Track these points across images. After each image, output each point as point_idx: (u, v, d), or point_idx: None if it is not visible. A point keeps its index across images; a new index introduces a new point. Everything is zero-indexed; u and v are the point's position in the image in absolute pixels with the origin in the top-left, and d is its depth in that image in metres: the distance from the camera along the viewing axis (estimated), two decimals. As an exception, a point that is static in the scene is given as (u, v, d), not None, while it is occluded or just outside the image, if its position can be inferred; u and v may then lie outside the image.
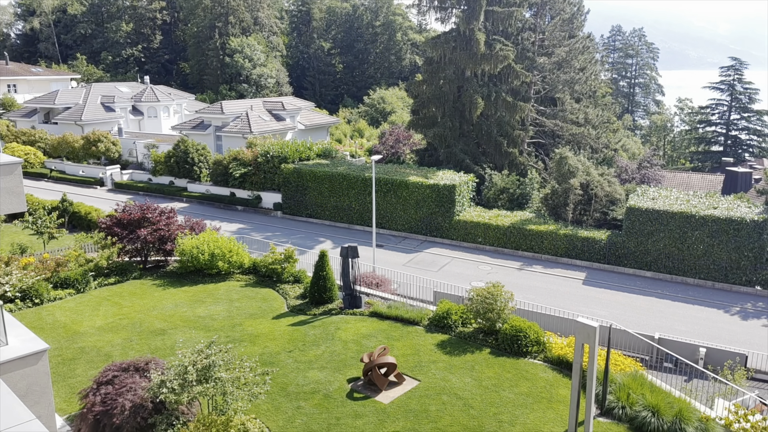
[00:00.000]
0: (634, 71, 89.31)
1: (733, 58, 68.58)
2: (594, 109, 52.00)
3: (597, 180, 37.52)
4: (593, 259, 34.19)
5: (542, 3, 48.24)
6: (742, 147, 66.41)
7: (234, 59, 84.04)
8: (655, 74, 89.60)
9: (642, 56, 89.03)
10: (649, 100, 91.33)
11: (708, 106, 69.34)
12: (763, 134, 66.27)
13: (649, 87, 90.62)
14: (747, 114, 66.26)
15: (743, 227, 30.17)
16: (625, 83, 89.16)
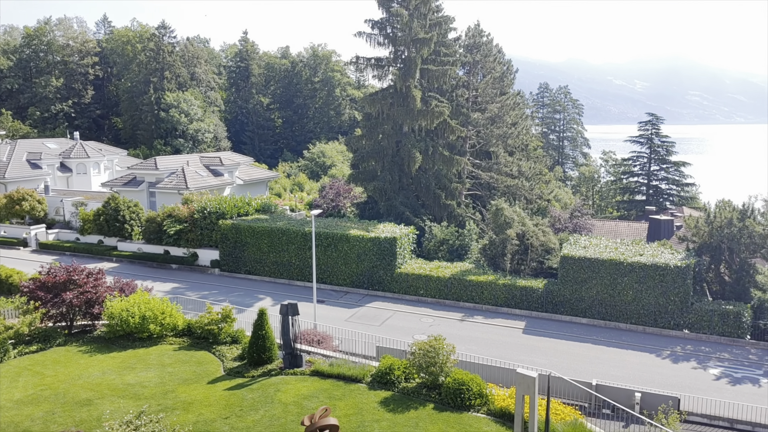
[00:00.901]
0: (562, 125, 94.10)
1: (649, 114, 73.39)
2: (527, 161, 54.20)
3: (532, 230, 38.65)
4: (532, 308, 34.82)
5: (474, 62, 50.60)
6: (663, 196, 70.33)
7: (170, 114, 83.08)
8: (581, 128, 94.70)
9: (568, 112, 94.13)
10: (577, 153, 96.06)
11: (630, 158, 73.47)
12: (681, 184, 70.59)
13: (577, 140, 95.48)
14: (665, 165, 70.55)
15: (668, 273, 31.62)
16: (555, 137, 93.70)
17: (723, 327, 30.97)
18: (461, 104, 50.19)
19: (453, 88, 50.92)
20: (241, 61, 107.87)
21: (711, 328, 31.18)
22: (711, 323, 31.17)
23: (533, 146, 62.18)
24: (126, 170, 63.09)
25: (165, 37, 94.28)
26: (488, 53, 51.45)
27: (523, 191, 49.97)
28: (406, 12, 44.31)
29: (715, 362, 28.14)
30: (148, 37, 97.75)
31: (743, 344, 30.45)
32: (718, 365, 27.79)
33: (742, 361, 28.41)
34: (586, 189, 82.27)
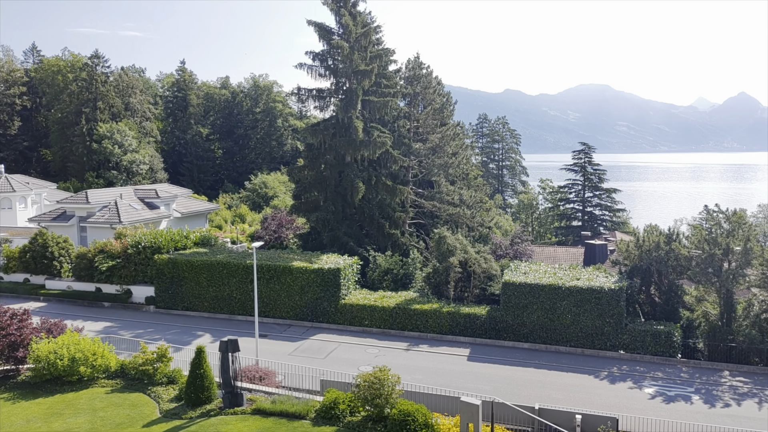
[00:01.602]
0: (501, 155, 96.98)
1: (582, 143, 76.73)
2: (468, 190, 55.32)
3: (474, 257, 39.25)
4: (476, 335, 35.15)
5: (415, 93, 51.63)
6: (597, 221, 73.25)
7: (102, 145, 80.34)
8: (519, 157, 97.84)
9: (507, 141, 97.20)
10: (516, 181, 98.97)
11: (566, 186, 76.38)
12: (613, 209, 73.81)
13: (515, 168, 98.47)
14: (598, 192, 73.72)
15: (603, 296, 32.71)
16: (494, 165, 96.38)
17: (655, 347, 32.16)
18: (403, 135, 50.94)
19: (395, 118, 51.68)
20: (178, 90, 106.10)
21: (645, 348, 32.30)
22: (644, 343, 32.31)
23: (474, 175, 63.60)
24: (55, 204, 60.31)
25: (98, 66, 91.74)
26: (428, 85, 52.64)
27: (465, 219, 50.84)
28: (346, 44, 44.89)
29: (649, 381, 29.09)
30: (80, 66, 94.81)
31: (675, 363, 31.66)
32: (653, 384, 28.74)
33: (675, 379, 29.50)
34: (525, 216, 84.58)
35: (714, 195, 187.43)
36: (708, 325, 33.57)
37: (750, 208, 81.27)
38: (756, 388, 28.56)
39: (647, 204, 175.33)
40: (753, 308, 33.51)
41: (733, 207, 37.62)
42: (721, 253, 33.23)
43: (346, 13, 45.44)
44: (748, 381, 29.43)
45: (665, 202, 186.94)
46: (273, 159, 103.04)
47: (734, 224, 34.40)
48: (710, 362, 31.80)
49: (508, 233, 59.19)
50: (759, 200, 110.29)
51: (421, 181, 52.01)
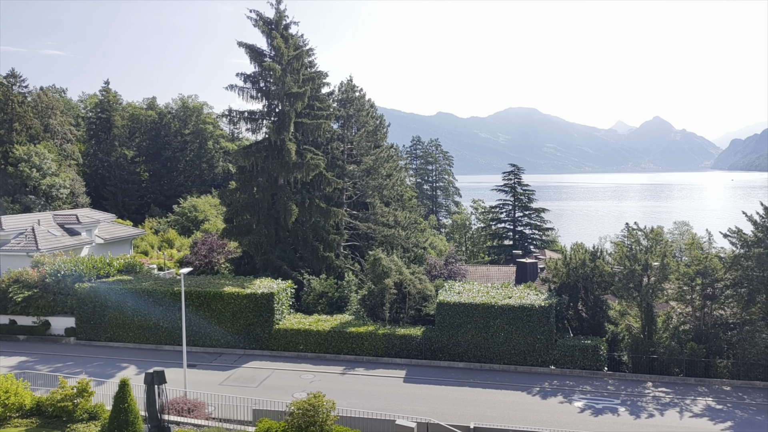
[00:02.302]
0: (434, 176, 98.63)
1: (512, 165, 79.16)
2: (402, 211, 55.79)
3: (409, 278, 39.45)
4: (412, 356, 35.17)
5: (348, 116, 51.86)
6: (528, 240, 75.44)
7: (19, 169, 75.85)
8: (452, 178, 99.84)
9: (440, 163, 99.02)
10: (449, 202, 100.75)
11: (497, 206, 78.42)
12: (542, 228, 76.31)
13: (449, 190, 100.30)
14: (528, 211, 76.07)
15: (534, 313, 33.56)
16: (428, 187, 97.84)
17: (584, 361, 33.20)
18: (337, 157, 50.93)
19: (328, 141, 51.64)
20: (102, 111, 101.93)
21: (573, 363, 33.28)
22: (573, 358, 33.30)
23: (408, 196, 64.31)
24: (-35, 231, 56.16)
25: (15, 86, 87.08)
26: (361, 107, 53.04)
27: (400, 240, 51.16)
28: (278, 66, 44.66)
29: (579, 395, 29.94)
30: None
31: (602, 376, 32.77)
32: (582, 398, 29.59)
33: (602, 392, 30.50)
34: (459, 236, 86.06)
35: (634, 213, 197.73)
36: (631, 338, 34.99)
37: (667, 225, 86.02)
38: (677, 398, 29.92)
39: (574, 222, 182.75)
40: (672, 321, 35.30)
41: (651, 224, 39.61)
42: (640, 268, 34.88)
43: (278, 36, 45.29)
44: (670, 391, 30.81)
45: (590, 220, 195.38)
46: (203, 182, 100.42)
47: (652, 241, 36.23)
48: (634, 374, 33.11)
49: (443, 253, 59.99)
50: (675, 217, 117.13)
51: (355, 203, 52.06)
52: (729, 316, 34.59)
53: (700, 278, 33.95)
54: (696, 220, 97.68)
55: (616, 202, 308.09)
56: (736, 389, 31.10)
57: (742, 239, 34.41)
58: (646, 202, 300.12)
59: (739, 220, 35.27)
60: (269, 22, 46.27)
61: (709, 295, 34.14)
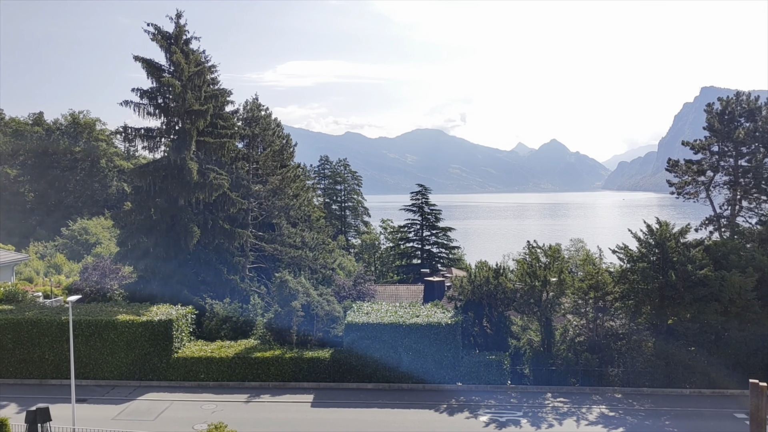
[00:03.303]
0: (343, 196, 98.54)
1: (419, 185, 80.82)
2: (310, 232, 55.14)
3: (317, 300, 38.86)
4: (320, 379, 34.53)
5: (254, 135, 50.77)
6: (435, 259, 77.10)
7: None
8: (361, 198, 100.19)
9: (348, 183, 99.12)
10: (358, 221, 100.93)
11: (405, 226, 79.64)
12: (449, 247, 78.29)
13: (358, 209, 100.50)
14: (435, 231, 77.88)
15: (441, 331, 34.04)
16: (337, 206, 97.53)
17: (488, 376, 34.02)
18: (242, 177, 49.59)
19: (233, 160, 50.22)
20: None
21: (479, 378, 34.02)
22: (479, 373, 34.04)
23: (316, 216, 63.72)
24: None
25: None
26: (267, 126, 52.16)
27: (308, 261, 50.45)
28: (178, 83, 43.01)
29: (484, 410, 30.57)
30: None
31: (505, 389, 33.70)
32: (487, 412, 30.23)
33: (506, 405, 31.34)
34: (368, 256, 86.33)
35: (535, 231, 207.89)
36: (532, 352, 36.32)
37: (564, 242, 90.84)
38: (574, 407, 31.28)
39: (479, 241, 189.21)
40: (568, 333, 37.03)
41: (550, 242, 41.54)
42: (540, 284, 36.42)
43: (177, 51, 43.70)
44: (568, 401, 32.17)
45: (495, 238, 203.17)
46: (95, 203, 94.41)
47: (551, 258, 38.00)
48: (535, 386, 34.34)
49: (352, 274, 59.76)
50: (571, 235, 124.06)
51: (261, 224, 50.86)
52: (618, 327, 36.79)
53: (593, 292, 35.91)
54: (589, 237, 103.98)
55: (518, 220, 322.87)
56: (627, 396, 33.00)
57: (628, 255, 36.84)
58: (545, 220, 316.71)
59: (626, 237, 37.76)
60: (168, 36, 44.60)
61: (601, 307, 36.17)
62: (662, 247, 35.46)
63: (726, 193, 43.32)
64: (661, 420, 29.35)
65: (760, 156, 40.60)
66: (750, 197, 41.67)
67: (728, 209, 42.70)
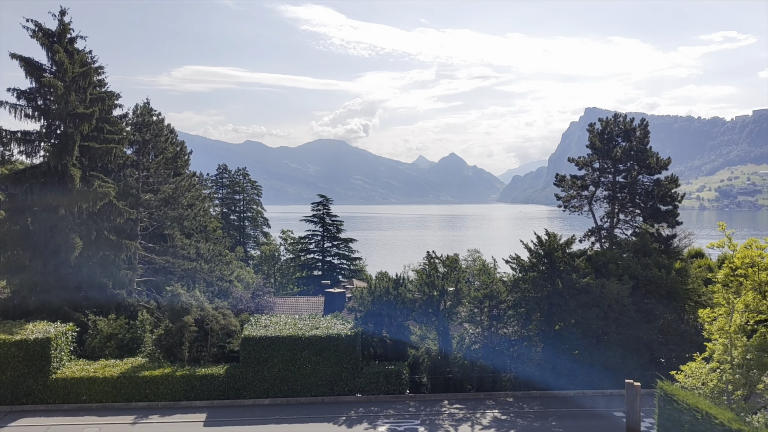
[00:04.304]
0: (242, 206, 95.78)
1: (321, 195, 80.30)
2: (206, 243, 52.99)
3: (212, 314, 37.37)
4: (214, 397, 33.17)
5: (144, 141, 48.14)
6: (336, 270, 76.76)
7: None
8: (260, 208, 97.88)
9: (248, 193, 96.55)
10: (258, 232, 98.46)
11: (306, 237, 78.72)
12: (350, 258, 78.29)
13: (257, 220, 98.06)
14: (336, 242, 77.59)
15: (341, 343, 33.84)
16: (235, 217, 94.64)
17: (388, 386, 34.22)
18: (131, 185, 46.80)
19: (121, 167, 47.32)
20: None
21: (378, 389, 34.13)
22: (378, 384, 34.15)
23: (213, 227, 61.39)
24: None
25: None
26: (159, 133, 49.61)
27: (203, 274, 48.44)
28: (61, 84, 39.99)
29: (383, 420, 30.66)
30: None
31: (404, 399, 34.04)
32: (386, 422, 30.34)
33: (404, 414, 31.63)
34: (267, 267, 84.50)
35: (435, 242, 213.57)
36: (430, 360, 37.00)
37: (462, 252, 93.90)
38: (469, 412, 32.16)
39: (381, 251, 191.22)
40: (465, 341, 38.11)
41: (448, 252, 42.66)
42: (438, 294, 37.27)
43: (60, 50, 40.66)
44: (463, 407, 33.03)
45: (396, 249, 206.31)
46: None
47: (449, 268, 39.02)
48: (433, 394, 34.98)
49: (250, 286, 58.16)
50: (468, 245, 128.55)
51: (152, 235, 48.22)
52: (511, 334, 38.36)
53: (488, 301, 37.25)
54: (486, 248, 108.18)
55: (419, 231, 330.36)
56: (518, 399, 34.43)
57: (520, 264, 38.62)
58: (445, 231, 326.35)
59: (518, 248, 39.56)
60: (51, 34, 41.43)
61: (495, 315, 37.59)
62: (550, 257, 37.52)
63: (606, 206, 46.69)
64: (549, 421, 30.85)
65: (634, 173, 44.15)
66: (626, 211, 45.17)
67: (608, 221, 46.03)
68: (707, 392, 22.93)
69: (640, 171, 44.05)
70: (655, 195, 43.27)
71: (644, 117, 49.22)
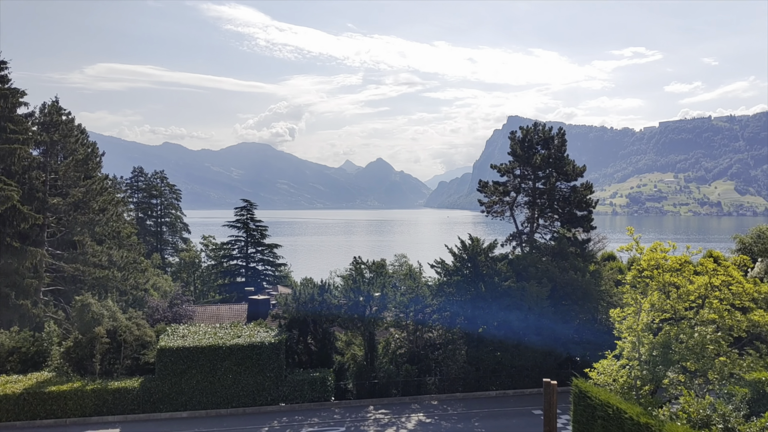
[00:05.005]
0: (159, 211, 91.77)
1: (244, 200, 78.33)
2: (119, 250, 50.32)
3: (125, 325, 35.51)
4: (128, 411, 31.50)
5: (52, 142, 45.18)
6: (261, 277, 75.02)
7: None
8: (180, 213, 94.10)
9: (166, 197, 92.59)
10: (177, 238, 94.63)
11: (229, 243, 76.48)
12: (275, 264, 76.72)
13: (176, 225, 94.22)
14: (260, 248, 75.80)
15: (264, 351, 32.97)
16: (152, 222, 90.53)
17: (312, 393, 33.68)
18: (36, 188, 43.74)
19: (25, 169, 44.10)
20: None
21: (303, 397, 33.53)
22: (302, 392, 33.55)
23: (127, 233, 58.31)
24: None
25: None
26: (69, 133, 46.65)
27: (116, 282, 45.98)
28: (-45, 77, 36.90)
29: (307, 428, 30.12)
30: None
31: (329, 406, 33.62)
32: (310, 430, 29.79)
33: (329, 421, 31.21)
34: (187, 275, 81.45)
35: (362, 247, 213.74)
36: (356, 366, 36.79)
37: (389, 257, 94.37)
38: (394, 417, 32.17)
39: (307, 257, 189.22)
40: (391, 346, 38.19)
41: (375, 257, 42.58)
42: (364, 300, 37.11)
43: (-45, 40, 37.53)
44: (389, 412, 33.00)
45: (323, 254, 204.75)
46: None
47: (375, 273, 38.95)
48: (358, 400, 34.77)
49: (168, 294, 55.82)
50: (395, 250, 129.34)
51: (60, 241, 45.24)
52: (436, 338, 38.81)
53: (413, 305, 37.47)
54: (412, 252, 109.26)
55: (346, 236, 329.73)
56: (442, 402, 34.79)
57: (445, 269, 39.14)
58: (372, 237, 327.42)
59: (444, 252, 40.05)
60: (-56, 22, 38.17)
61: (420, 319, 37.87)
62: (474, 262, 38.27)
63: (526, 212, 48.21)
64: (471, 422, 31.35)
65: (553, 180, 45.87)
66: (545, 216, 46.82)
67: (528, 226, 47.54)
68: (618, 388, 24.00)
69: (558, 178, 45.80)
70: (572, 201, 45.11)
71: (562, 126, 51.35)
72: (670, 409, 20.65)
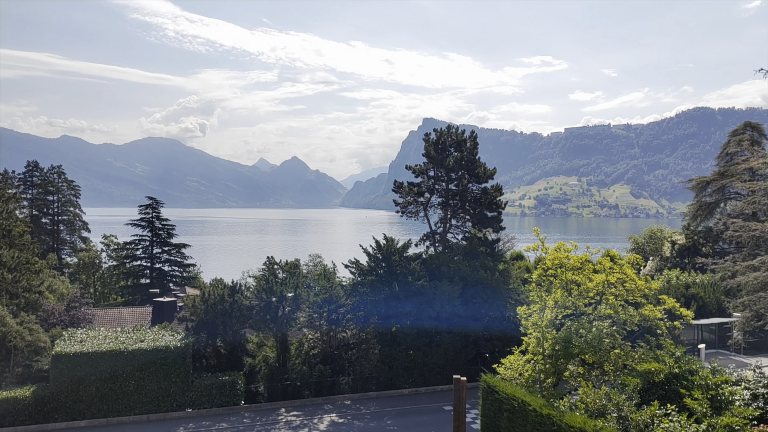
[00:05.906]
0: (56, 208, 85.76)
1: (150, 198, 74.59)
2: (10, 250, 46.42)
3: (16, 330, 32.86)
4: (18, 422, 29.26)
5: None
6: (167, 278, 71.77)
7: None
8: (79, 211, 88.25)
9: (64, 193, 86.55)
10: (75, 238, 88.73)
11: (132, 242, 72.58)
12: (183, 265, 73.66)
13: (75, 224, 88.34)
14: (167, 248, 72.44)
15: (169, 355, 31.59)
16: (48, 220, 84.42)
17: (221, 398, 32.66)
18: None
19: None
20: None
21: (211, 402, 32.44)
22: (211, 397, 32.46)
23: (19, 231, 53.92)
24: None
25: None
26: (-50, 121, 42.75)
27: (6, 284, 42.32)
28: None
29: (216, 435, 29.10)
30: None
31: (239, 410, 32.73)
32: (220, 437, 28.84)
33: (238, 426, 30.37)
34: (86, 276, 76.64)
35: (276, 247, 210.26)
36: (268, 368, 36.05)
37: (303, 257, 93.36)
38: (306, 418, 31.81)
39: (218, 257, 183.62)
40: (304, 347, 37.73)
41: (289, 258, 41.93)
42: (276, 300, 36.43)
43: None
44: (301, 414, 32.59)
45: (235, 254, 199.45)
46: None
47: (288, 273, 38.34)
48: (270, 403, 34.08)
49: (65, 297, 52.27)
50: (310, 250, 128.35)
51: (-60, 240, 41.18)
52: (350, 338, 38.79)
53: (327, 306, 37.22)
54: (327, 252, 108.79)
55: (260, 236, 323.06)
56: (356, 402, 34.81)
57: (359, 269, 39.20)
58: (286, 236, 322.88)
59: (359, 252, 40.08)
60: None
61: (334, 320, 37.70)
62: (388, 261, 38.59)
63: (440, 212, 49.27)
64: (384, 420, 31.58)
65: (465, 181, 47.17)
66: (458, 216, 48.06)
67: (441, 227, 48.60)
68: (523, 382, 25.04)
69: (470, 180, 47.15)
70: (483, 202, 46.58)
71: (474, 129, 52.88)
72: (570, 400, 21.75)
